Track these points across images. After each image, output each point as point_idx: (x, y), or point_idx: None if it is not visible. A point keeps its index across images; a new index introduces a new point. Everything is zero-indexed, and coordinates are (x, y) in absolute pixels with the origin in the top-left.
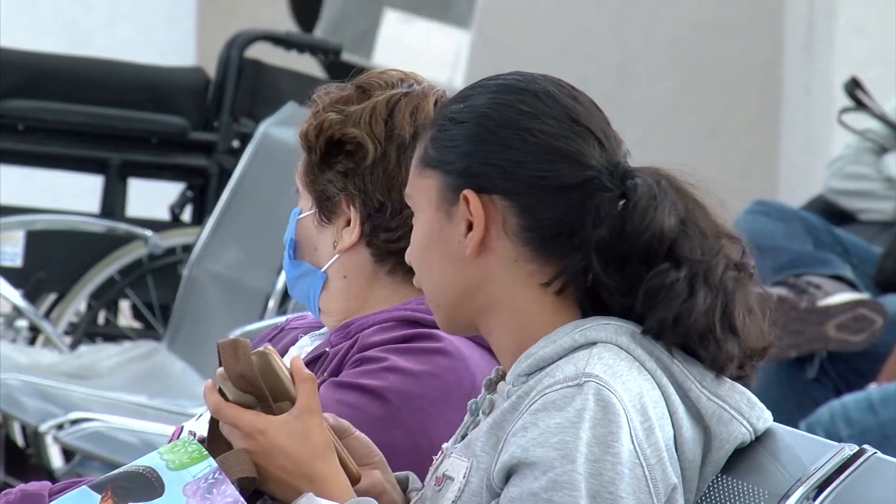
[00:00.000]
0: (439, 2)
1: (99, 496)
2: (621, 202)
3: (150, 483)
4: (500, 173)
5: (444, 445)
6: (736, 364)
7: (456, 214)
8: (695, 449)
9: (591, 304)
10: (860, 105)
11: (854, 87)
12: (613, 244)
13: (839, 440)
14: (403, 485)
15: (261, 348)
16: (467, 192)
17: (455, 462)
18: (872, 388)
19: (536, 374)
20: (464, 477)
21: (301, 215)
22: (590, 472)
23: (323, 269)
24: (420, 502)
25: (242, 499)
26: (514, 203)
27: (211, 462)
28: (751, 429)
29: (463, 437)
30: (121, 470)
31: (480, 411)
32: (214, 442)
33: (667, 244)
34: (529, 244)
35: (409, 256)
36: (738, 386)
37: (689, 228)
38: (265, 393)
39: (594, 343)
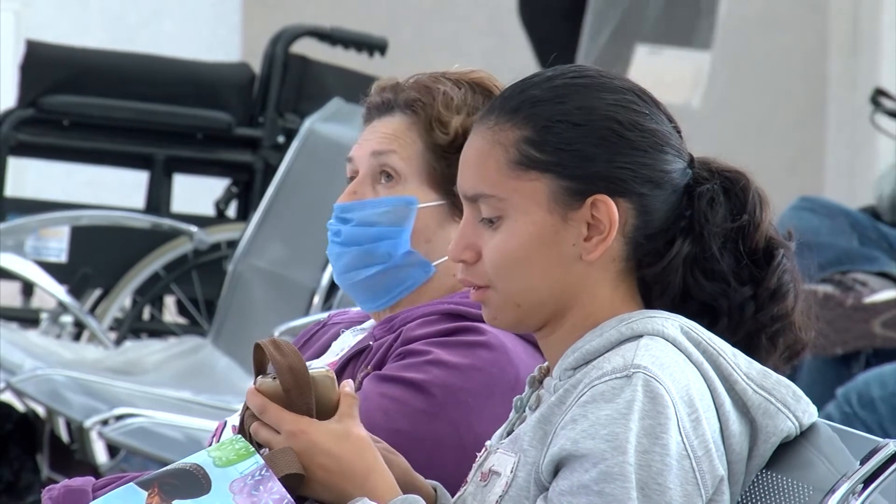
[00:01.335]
0: (686, 30)
1: (146, 493)
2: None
3: (197, 480)
4: (632, 176)
5: (488, 443)
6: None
7: (574, 217)
8: (742, 442)
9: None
10: (893, 115)
11: (879, 96)
12: (713, 234)
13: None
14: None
15: (324, 369)
16: (600, 198)
17: (501, 457)
18: None
19: (583, 367)
20: (511, 472)
21: (421, 204)
22: (639, 463)
23: (434, 264)
24: (463, 498)
25: (289, 496)
26: (636, 204)
27: (258, 459)
28: (796, 423)
29: (509, 434)
30: (168, 467)
31: (526, 407)
32: None
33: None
34: (631, 244)
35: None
36: (784, 379)
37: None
38: (308, 388)
39: (640, 335)
